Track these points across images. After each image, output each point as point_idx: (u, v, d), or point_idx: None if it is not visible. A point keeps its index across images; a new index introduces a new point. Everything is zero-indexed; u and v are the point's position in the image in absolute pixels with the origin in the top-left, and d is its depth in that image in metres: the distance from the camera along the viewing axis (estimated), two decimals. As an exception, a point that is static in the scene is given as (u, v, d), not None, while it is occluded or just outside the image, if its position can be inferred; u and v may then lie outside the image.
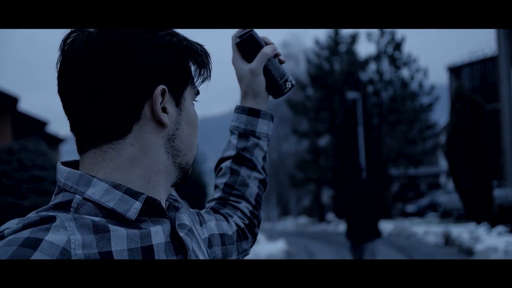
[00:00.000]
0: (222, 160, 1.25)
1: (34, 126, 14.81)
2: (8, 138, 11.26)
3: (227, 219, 1.18)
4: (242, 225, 1.20)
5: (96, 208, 0.81)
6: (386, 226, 21.30)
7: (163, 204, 0.89)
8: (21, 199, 1.21)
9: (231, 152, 1.23)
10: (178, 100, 0.89)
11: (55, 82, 0.87)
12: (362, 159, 26.21)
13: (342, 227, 22.34)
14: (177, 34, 0.89)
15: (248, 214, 1.21)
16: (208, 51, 0.94)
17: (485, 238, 12.69)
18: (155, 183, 0.87)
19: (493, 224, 14.55)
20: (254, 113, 1.23)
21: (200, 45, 0.92)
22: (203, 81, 0.94)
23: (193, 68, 0.91)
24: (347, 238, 7.26)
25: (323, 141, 33.06)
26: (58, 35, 0.87)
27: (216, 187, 1.24)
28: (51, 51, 0.87)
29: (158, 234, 0.84)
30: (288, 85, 1.23)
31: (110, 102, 0.82)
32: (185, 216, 0.96)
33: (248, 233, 1.21)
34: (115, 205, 0.81)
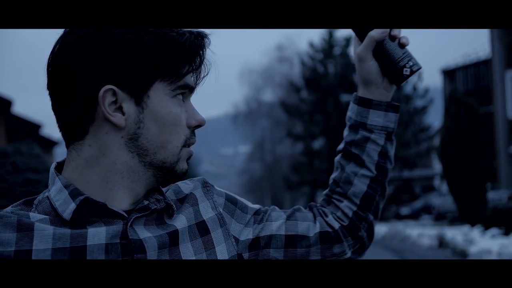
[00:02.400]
0: (337, 152, 1.14)
1: (28, 129, 14.75)
2: (2, 141, 11.21)
3: (315, 219, 1.07)
4: (337, 227, 1.07)
5: (51, 206, 0.85)
6: (380, 228, 21.31)
7: (123, 205, 0.87)
8: (15, 202, 1.21)
9: (341, 146, 1.13)
10: (138, 98, 0.85)
11: None
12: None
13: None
14: (139, 31, 0.84)
15: (350, 215, 1.08)
16: (201, 42, 0.89)
17: (479, 240, 12.73)
18: (113, 183, 0.87)
19: (486, 227, 14.58)
20: (364, 103, 1.09)
21: (191, 38, 0.87)
22: (187, 73, 0.89)
23: (171, 62, 0.86)
24: None
25: (318, 143, 33.05)
26: (55, 36, 0.88)
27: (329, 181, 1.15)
28: (47, 53, 0.88)
29: (98, 235, 0.83)
30: (406, 71, 1.06)
31: (66, 105, 0.85)
32: (184, 216, 0.93)
33: (345, 236, 1.07)
34: (60, 205, 0.84)
